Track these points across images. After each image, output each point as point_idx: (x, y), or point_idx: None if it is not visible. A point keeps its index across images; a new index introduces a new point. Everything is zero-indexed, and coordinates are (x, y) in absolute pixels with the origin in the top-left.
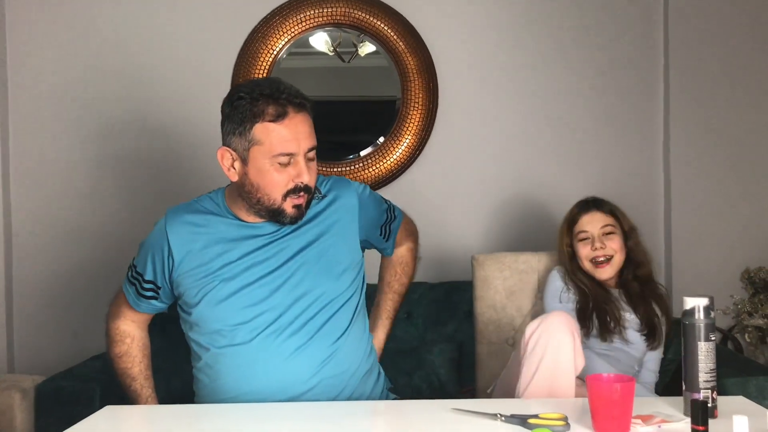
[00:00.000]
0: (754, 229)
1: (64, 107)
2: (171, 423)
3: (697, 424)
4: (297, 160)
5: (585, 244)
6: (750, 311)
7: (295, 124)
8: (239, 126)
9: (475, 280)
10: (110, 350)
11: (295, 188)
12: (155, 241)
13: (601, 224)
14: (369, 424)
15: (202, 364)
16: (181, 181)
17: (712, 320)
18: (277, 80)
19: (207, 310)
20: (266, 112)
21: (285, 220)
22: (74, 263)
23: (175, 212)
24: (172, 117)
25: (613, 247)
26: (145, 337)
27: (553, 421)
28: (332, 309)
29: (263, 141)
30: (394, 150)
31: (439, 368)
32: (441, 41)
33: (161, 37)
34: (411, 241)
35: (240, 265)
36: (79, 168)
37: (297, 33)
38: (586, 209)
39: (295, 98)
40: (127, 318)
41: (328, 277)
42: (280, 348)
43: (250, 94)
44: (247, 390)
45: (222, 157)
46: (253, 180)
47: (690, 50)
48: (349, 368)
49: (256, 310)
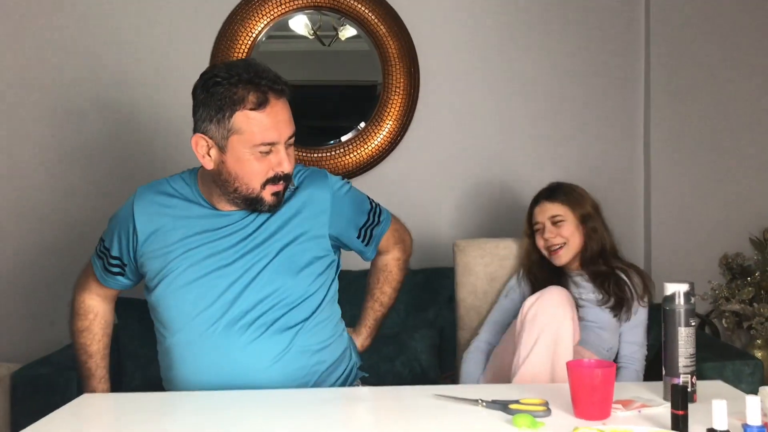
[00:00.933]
0: (732, 216)
1: (32, 90)
2: (148, 411)
3: (677, 409)
4: (278, 148)
5: (538, 234)
6: (727, 296)
7: (276, 112)
8: (217, 113)
9: (457, 267)
10: (72, 323)
11: (274, 177)
12: (122, 218)
13: (549, 214)
14: (349, 410)
15: (161, 350)
16: (155, 165)
17: (692, 306)
18: (253, 63)
19: (163, 295)
20: (247, 99)
21: (263, 209)
22: (50, 250)
23: (144, 190)
24: (147, 101)
25: (564, 234)
26: (109, 313)
27: (534, 407)
28: (288, 305)
29: (244, 130)
30: (376, 135)
31: (420, 354)
32: (422, 25)
33: (137, 18)
34: (399, 251)
35: (201, 252)
36: (51, 154)
37: (276, 16)
38: (537, 200)
39: (275, 84)
40: (93, 292)
41: (286, 274)
42: (231, 342)
43: (228, 79)
44: (196, 383)
45: (196, 144)
46: (231, 169)
47: (672, 37)
48: (307, 362)
49: (210, 301)
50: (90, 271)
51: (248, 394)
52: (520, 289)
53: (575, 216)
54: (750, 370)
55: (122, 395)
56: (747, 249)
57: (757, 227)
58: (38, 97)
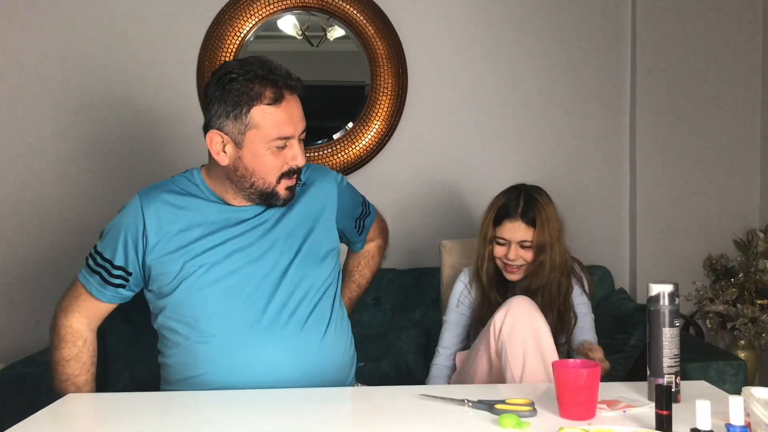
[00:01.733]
0: (717, 218)
1: (26, 88)
2: (135, 411)
3: (661, 409)
4: (292, 143)
5: (501, 246)
6: (711, 297)
7: (290, 107)
8: (234, 109)
9: (443, 267)
10: (57, 351)
11: (289, 171)
12: (128, 223)
13: (520, 237)
14: (336, 410)
15: (178, 352)
16: (143, 163)
17: (676, 307)
18: (266, 60)
19: (188, 295)
20: (264, 95)
21: (278, 203)
22: (38, 248)
23: (149, 192)
24: (135, 100)
25: (526, 258)
26: (95, 341)
27: (519, 407)
28: (316, 297)
29: (261, 125)
30: (364, 136)
31: (406, 354)
32: (410, 27)
33: (123, 17)
34: (381, 239)
35: (225, 249)
36: (43, 152)
37: (265, 16)
38: (510, 214)
39: (289, 80)
40: (82, 314)
41: (311, 264)
42: (264, 341)
43: (244, 75)
44: (231, 382)
45: (211, 141)
46: (248, 164)
47: (658, 42)
48: (334, 358)
49: (244, 297)
50: (77, 291)
51: (235, 393)
52: (470, 296)
53: (539, 241)
54: (734, 370)
55: (108, 395)
56: (731, 250)
57: (740, 229)
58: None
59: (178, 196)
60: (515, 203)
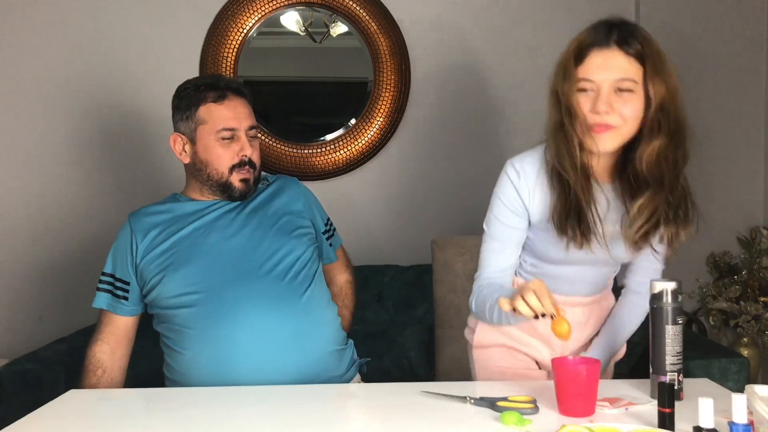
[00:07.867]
0: (720, 216)
1: (28, 90)
2: (137, 407)
3: (664, 407)
4: (239, 135)
5: (586, 97)
6: (714, 295)
7: (234, 105)
8: (186, 111)
9: (435, 264)
10: (82, 380)
11: (240, 162)
12: (121, 238)
13: (617, 74)
14: (338, 406)
15: (174, 341)
16: (148, 162)
17: (679, 304)
18: (219, 75)
19: (170, 281)
20: (208, 95)
21: (234, 194)
22: (41, 245)
23: (136, 211)
24: (136, 97)
25: (625, 114)
26: (117, 369)
27: (521, 404)
28: (296, 266)
29: (207, 120)
30: (366, 132)
31: (409, 351)
32: (413, 23)
33: (129, 15)
34: (350, 274)
35: (203, 233)
36: (46, 150)
37: (268, 12)
38: (602, 41)
39: (233, 84)
40: (104, 341)
41: (286, 235)
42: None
43: (194, 84)
44: (214, 347)
45: (174, 142)
46: (202, 157)
47: (659, 36)
48: (320, 321)
49: (216, 270)
50: (98, 318)
51: (239, 390)
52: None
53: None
54: (736, 368)
55: (110, 391)
56: (734, 248)
57: (744, 226)
58: (38, 98)
59: (160, 205)
60: (605, 30)
